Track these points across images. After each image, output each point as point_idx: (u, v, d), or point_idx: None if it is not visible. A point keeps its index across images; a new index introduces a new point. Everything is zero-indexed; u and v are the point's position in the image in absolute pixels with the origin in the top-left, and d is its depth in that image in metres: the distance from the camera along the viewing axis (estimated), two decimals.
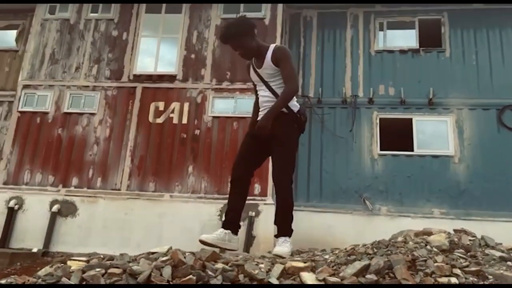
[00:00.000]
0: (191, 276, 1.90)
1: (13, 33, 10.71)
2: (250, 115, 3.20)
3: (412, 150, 8.80)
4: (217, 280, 1.90)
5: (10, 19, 10.71)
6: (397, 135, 9.07)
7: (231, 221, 2.86)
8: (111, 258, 2.31)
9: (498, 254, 2.08)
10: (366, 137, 9.04)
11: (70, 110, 9.13)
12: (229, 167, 8.33)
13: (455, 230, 2.44)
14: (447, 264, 1.97)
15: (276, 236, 2.77)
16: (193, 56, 9.22)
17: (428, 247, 2.16)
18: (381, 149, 8.92)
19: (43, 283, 1.88)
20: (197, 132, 8.72)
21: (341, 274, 1.91)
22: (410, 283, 1.81)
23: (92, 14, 9.78)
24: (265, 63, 2.85)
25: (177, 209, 8.19)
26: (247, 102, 8.66)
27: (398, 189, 8.63)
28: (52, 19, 9.83)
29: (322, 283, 1.86)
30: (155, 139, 8.79)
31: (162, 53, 9.44)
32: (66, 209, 8.40)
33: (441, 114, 8.90)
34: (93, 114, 9.05)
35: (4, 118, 9.93)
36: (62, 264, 2.23)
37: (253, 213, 8.00)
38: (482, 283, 1.86)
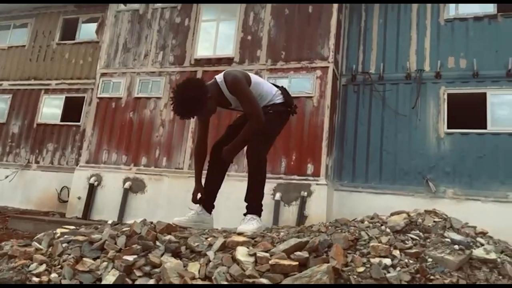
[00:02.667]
0: (136, 245, 2.06)
1: (94, 26, 11.79)
2: (305, 94, 3.08)
3: (485, 128, 7.98)
4: (160, 250, 2.03)
5: (91, 12, 11.80)
6: (468, 112, 8.27)
7: (206, 200, 2.94)
8: (96, 227, 2.56)
9: (455, 237, 1.89)
10: (432, 114, 8.39)
11: (139, 95, 9.86)
12: (283, 147, 8.38)
13: (425, 211, 2.26)
14: (390, 245, 1.86)
15: (245, 214, 2.78)
16: (249, 37, 9.32)
17: (383, 227, 2.04)
18: (448, 127, 8.23)
19: (15, 246, 2.17)
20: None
21: (273, 250, 1.91)
22: (335, 262, 1.75)
23: (158, 4, 10.35)
24: (232, 100, 2.81)
25: (233, 187, 8.43)
26: (301, 81, 8.57)
27: (467, 170, 7.92)
28: (124, 11, 10.62)
29: (252, 258, 1.88)
30: (213, 121, 9.04)
31: (220, 36, 9.69)
32: (136, 186, 9.20)
33: None
34: (159, 98, 9.68)
35: (89, 104, 11.08)
36: (52, 231, 2.53)
37: (305, 193, 7.97)
38: (417, 265, 1.72)
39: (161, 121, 9.53)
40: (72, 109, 11.34)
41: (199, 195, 2.90)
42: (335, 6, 8.76)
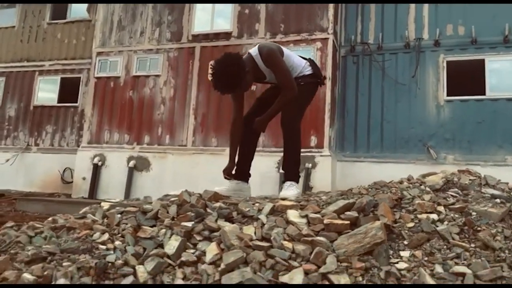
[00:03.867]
0: (190, 213, 2.16)
1: (85, 4, 11.53)
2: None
3: (484, 94, 8.14)
4: (212, 217, 2.13)
5: None
6: (467, 79, 8.42)
7: (241, 171, 3.04)
8: (137, 199, 2.65)
9: (494, 192, 2.03)
10: (431, 82, 8.52)
11: (138, 73, 9.80)
12: None
13: (459, 171, 2.39)
14: (434, 202, 1.99)
15: (283, 181, 2.90)
16: (247, 11, 9.25)
17: (422, 187, 2.17)
18: (448, 95, 8.38)
19: (72, 219, 2.26)
20: (253, 87, 8.87)
21: (323, 211, 2.03)
22: (386, 219, 1.88)
23: None
24: (267, 73, 2.85)
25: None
26: (301, 53, 8.50)
27: (467, 136, 8.12)
28: None
29: (304, 219, 2.00)
30: (214, 97, 9.14)
31: (217, 11, 9.59)
32: (140, 164, 9.27)
33: None
34: (158, 75, 9.64)
35: (85, 84, 10.98)
36: (97, 205, 2.63)
37: (310, 165, 8.13)
38: (463, 218, 1.86)
39: (161, 99, 9.52)
40: (69, 90, 11.23)
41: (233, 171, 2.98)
42: None
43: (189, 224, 2.06)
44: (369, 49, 8.99)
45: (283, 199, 2.40)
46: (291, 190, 2.69)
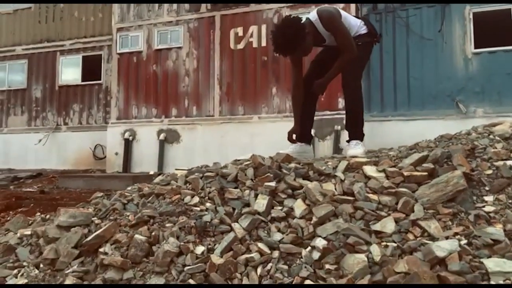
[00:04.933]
0: (269, 174, 2.30)
1: None
2: None
3: (511, 45, 8.00)
4: (291, 176, 2.27)
5: None
6: (494, 30, 8.24)
7: (303, 133, 3.15)
8: (207, 166, 2.81)
9: None
10: (458, 35, 8.37)
11: (160, 47, 9.83)
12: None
13: None
14: (507, 149, 2.08)
15: (348, 141, 3.00)
16: None
17: (491, 136, 2.26)
18: (475, 47, 8.25)
19: (158, 186, 2.43)
20: (276, 54, 8.87)
21: (399, 165, 2.15)
22: (464, 168, 1.99)
23: None
24: (326, 36, 2.88)
25: (266, 129, 8.72)
26: None
27: (496, 88, 8.04)
28: None
29: (382, 173, 2.12)
30: (238, 65, 9.18)
31: None
32: (171, 137, 9.46)
33: None
34: (180, 48, 9.66)
35: (107, 61, 11.07)
36: (171, 173, 2.79)
37: (339, 127, 8.21)
38: None
39: (185, 71, 9.58)
40: (91, 68, 11.35)
41: (294, 136, 3.08)
42: None
43: (272, 184, 2.20)
44: (392, 5, 8.81)
45: (353, 157, 2.51)
46: (358, 149, 2.80)
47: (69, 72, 11.53)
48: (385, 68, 8.82)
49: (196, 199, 2.19)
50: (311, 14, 2.90)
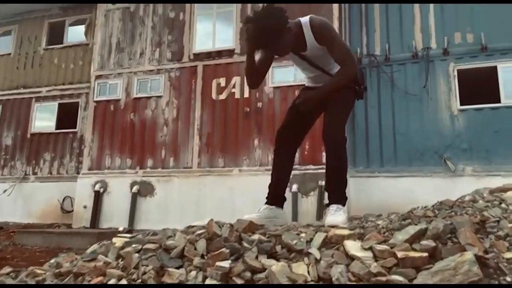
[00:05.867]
0: (224, 249, 1.78)
1: (82, 28, 11.33)
2: None
3: (499, 102, 7.84)
4: (252, 253, 1.75)
5: (78, 14, 11.33)
6: (480, 87, 8.13)
7: (275, 195, 2.65)
8: (155, 233, 2.27)
9: None
10: (443, 92, 8.23)
11: (139, 95, 9.48)
12: None
13: None
14: None
15: (328, 204, 2.49)
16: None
17: (503, 205, 1.80)
18: (461, 104, 8.08)
19: (80, 262, 1.88)
20: (259, 104, 8.60)
21: (391, 241, 1.66)
22: (476, 249, 1.51)
23: None
24: (310, 46, 2.42)
25: (247, 182, 8.21)
26: None
27: (484, 146, 7.78)
28: (114, 9, 10.19)
29: (369, 252, 1.63)
30: (219, 116, 8.83)
31: (218, 28, 9.37)
32: (144, 189, 8.86)
33: None
34: (159, 96, 9.32)
35: (84, 109, 10.65)
36: (109, 241, 2.24)
37: (323, 182, 7.73)
38: None
39: (164, 120, 9.18)
40: (67, 115, 10.91)
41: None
42: None
43: (225, 264, 1.68)
44: (376, 60, 8.74)
45: (333, 226, 2.02)
46: (339, 215, 2.28)
47: (43, 119, 11.05)
48: (370, 122, 8.56)
49: (124, 283, 1.65)
50: (302, 18, 2.45)
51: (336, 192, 2.47)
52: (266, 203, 2.63)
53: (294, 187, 7.79)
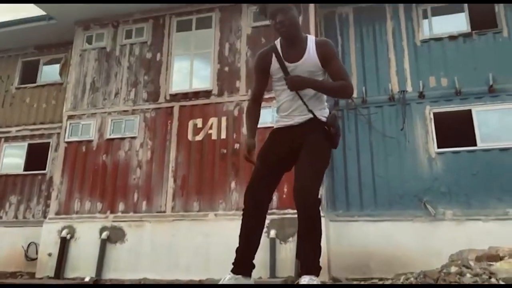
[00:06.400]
0: None
1: (57, 67, 11.13)
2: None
3: (475, 145, 7.87)
4: None
5: (53, 53, 11.16)
6: (456, 130, 8.18)
7: (243, 262, 2.37)
8: None
9: None
10: (420, 135, 8.23)
11: (112, 136, 9.19)
12: None
13: None
14: None
15: (301, 274, 2.21)
16: (226, 69, 8.98)
17: (493, 280, 1.59)
18: (438, 147, 8.07)
19: None
20: (236, 146, 8.41)
21: None
22: None
23: (126, 40, 9.87)
24: (307, 57, 2.32)
25: (222, 228, 7.87)
26: None
27: (463, 189, 7.71)
28: (90, 49, 10.06)
29: None
30: (195, 157, 8.59)
31: (196, 69, 9.31)
32: (114, 235, 8.39)
33: (506, 101, 7.90)
34: (134, 137, 9.05)
35: (55, 150, 10.26)
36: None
37: None
38: None
39: (137, 162, 8.86)
40: (36, 156, 10.48)
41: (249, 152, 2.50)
42: (312, 32, 8.60)
43: None
44: (353, 103, 8.74)
45: None
46: None
47: (11, 160, 10.57)
48: (349, 165, 8.45)
49: None
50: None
51: (310, 260, 2.22)
52: (232, 270, 2.35)
53: (272, 233, 7.49)
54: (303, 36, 2.39)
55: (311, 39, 2.38)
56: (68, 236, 8.48)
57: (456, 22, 8.75)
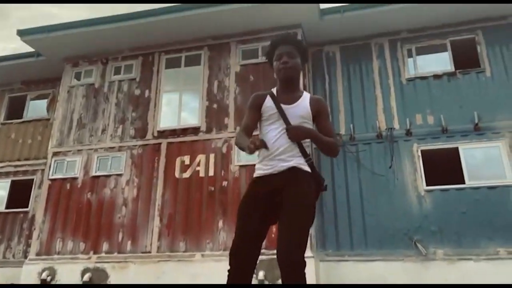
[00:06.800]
0: None
1: (44, 102, 11.05)
2: None
3: (463, 183, 7.86)
4: None
5: (41, 89, 11.10)
6: (444, 167, 8.21)
7: None
8: None
9: None
10: (409, 172, 8.22)
11: (98, 173, 9.02)
12: None
13: None
14: None
15: None
16: (215, 106, 8.99)
17: None
18: (427, 184, 8.05)
19: None
20: (224, 183, 8.29)
21: None
22: None
23: (115, 76, 9.89)
24: (301, 103, 2.38)
25: (210, 269, 7.63)
26: None
27: (454, 228, 7.64)
28: (78, 85, 10.04)
29: None
30: (182, 195, 8.43)
31: (184, 106, 9.31)
32: (97, 277, 8.07)
33: (491, 139, 7.98)
34: (120, 175, 8.89)
35: (38, 187, 10.01)
36: None
37: None
38: None
39: (123, 200, 8.66)
40: (19, 193, 10.22)
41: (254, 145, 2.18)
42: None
43: None
44: (341, 139, 8.76)
45: None
46: None
47: None
48: (338, 203, 8.36)
49: None
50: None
51: None
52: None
53: (261, 274, 7.27)
54: (300, 87, 2.50)
55: (306, 93, 2.48)
56: (49, 279, 8.14)
57: (440, 61, 8.96)
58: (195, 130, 8.89)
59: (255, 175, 2.40)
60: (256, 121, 2.46)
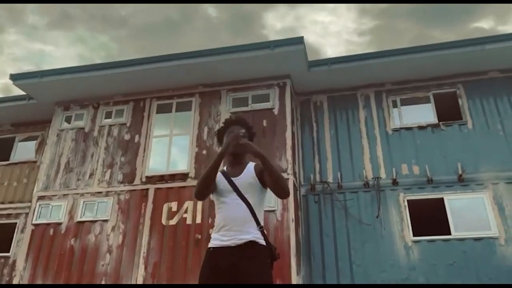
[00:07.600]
0: None
1: (33, 145, 11.01)
2: (267, 208, 2.77)
3: (449, 234, 7.92)
4: None
5: (30, 131, 11.10)
6: (430, 218, 8.28)
7: None
8: None
9: None
10: (396, 222, 8.26)
11: (83, 219, 8.89)
12: None
13: None
14: None
15: None
16: (204, 152, 9.06)
17: None
18: (414, 235, 8.08)
19: None
20: (211, 231, 8.20)
21: None
22: None
23: (105, 120, 9.97)
24: (246, 172, 2.61)
25: None
26: None
27: (441, 280, 7.60)
28: (67, 129, 10.07)
29: None
30: (168, 243, 8.31)
31: (173, 152, 9.35)
32: None
33: (475, 190, 8.12)
34: (105, 220, 8.77)
35: (21, 231, 9.79)
36: None
37: None
38: None
39: (107, 247, 8.49)
40: (1, 237, 9.96)
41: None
42: (288, 119, 8.90)
43: None
44: (329, 187, 8.84)
45: None
46: None
47: None
48: (326, 252, 8.31)
49: None
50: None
51: None
52: None
53: None
54: (246, 161, 2.69)
55: (251, 162, 2.70)
56: None
57: (424, 113, 9.23)
58: (184, 176, 8.90)
59: (210, 245, 2.47)
60: (213, 188, 2.63)
